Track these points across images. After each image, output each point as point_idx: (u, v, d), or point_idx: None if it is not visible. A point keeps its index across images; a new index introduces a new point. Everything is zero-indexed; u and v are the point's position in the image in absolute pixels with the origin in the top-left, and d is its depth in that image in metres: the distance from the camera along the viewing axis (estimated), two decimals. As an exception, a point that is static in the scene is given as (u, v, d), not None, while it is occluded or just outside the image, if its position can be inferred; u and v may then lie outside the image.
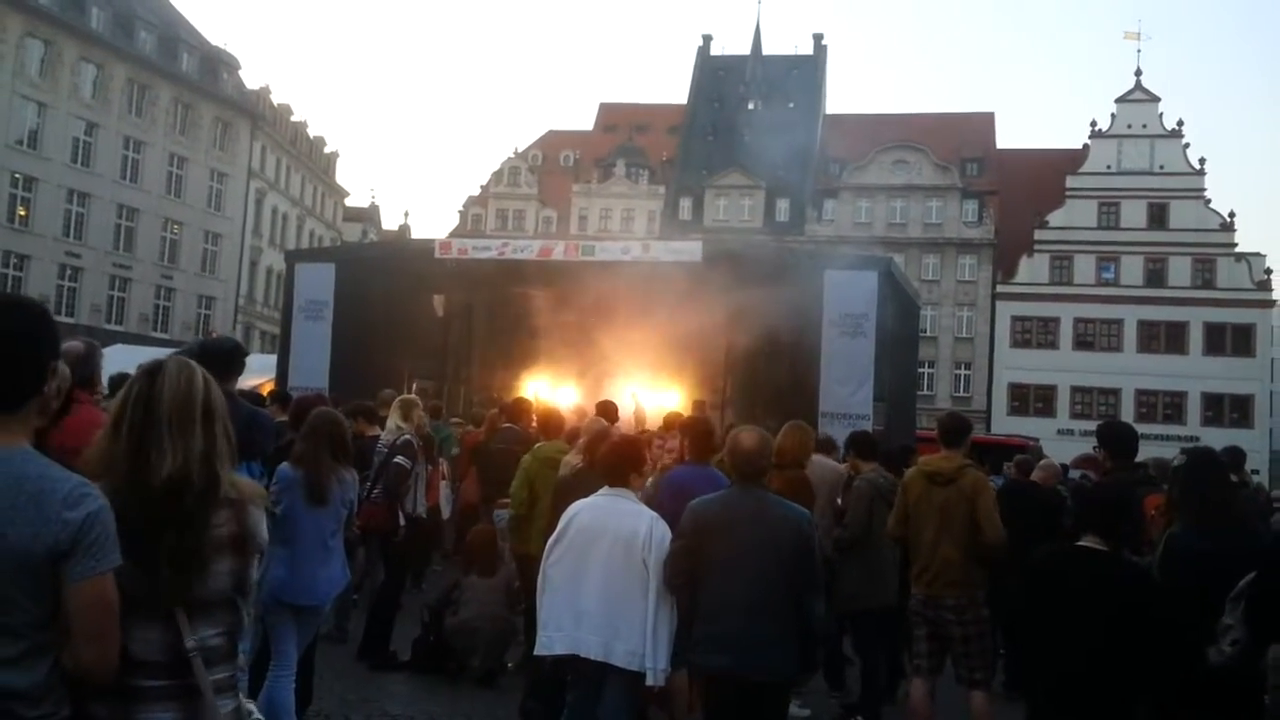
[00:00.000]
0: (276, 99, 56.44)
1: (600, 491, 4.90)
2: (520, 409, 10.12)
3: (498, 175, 60.74)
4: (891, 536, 6.49)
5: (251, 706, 2.64)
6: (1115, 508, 4.17)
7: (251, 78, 57.58)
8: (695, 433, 6.23)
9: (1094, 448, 6.81)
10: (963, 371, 50.83)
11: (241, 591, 2.52)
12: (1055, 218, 49.91)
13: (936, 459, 6.30)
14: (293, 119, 58.68)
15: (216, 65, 49.76)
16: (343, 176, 67.78)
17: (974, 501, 5.92)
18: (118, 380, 6.63)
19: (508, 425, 9.62)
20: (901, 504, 6.31)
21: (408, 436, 7.91)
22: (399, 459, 7.73)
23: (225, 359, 4.94)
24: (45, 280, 40.59)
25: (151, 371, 2.49)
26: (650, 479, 6.10)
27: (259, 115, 52.05)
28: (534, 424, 9.30)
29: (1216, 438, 34.58)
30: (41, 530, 2.08)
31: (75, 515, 2.11)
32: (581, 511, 4.82)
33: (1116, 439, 6.32)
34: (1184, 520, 4.53)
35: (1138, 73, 50.69)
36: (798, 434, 7.31)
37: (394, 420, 8.04)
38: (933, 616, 5.99)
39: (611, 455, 5.04)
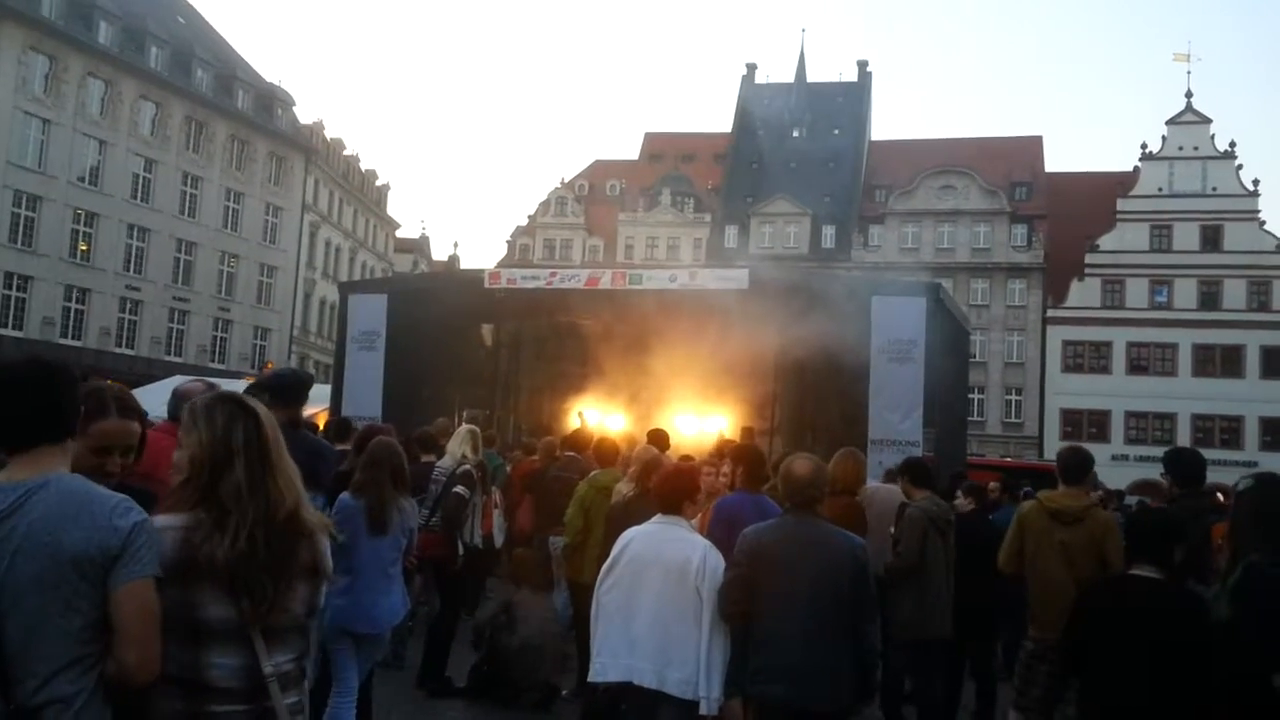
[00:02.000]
0: (329, 134, 57.51)
1: (653, 519, 4.89)
2: (583, 438, 10.14)
3: (545, 205, 61.27)
4: (1004, 571, 6.22)
5: None
6: (1167, 534, 4.05)
7: (305, 114, 58.73)
8: (747, 460, 6.15)
9: (1161, 474, 6.64)
10: (1013, 397, 50.19)
11: (311, 618, 2.66)
12: (1106, 241, 49.27)
13: (1059, 495, 6.04)
14: (345, 153, 59.67)
15: (271, 102, 50.74)
16: (394, 209, 68.62)
17: (1104, 544, 5.67)
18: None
19: (569, 454, 9.65)
20: (1016, 539, 6.06)
21: (468, 466, 7.96)
22: (459, 488, 7.77)
23: (299, 389, 5.52)
24: (107, 313, 41.50)
25: (247, 411, 2.64)
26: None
27: (312, 150, 52.98)
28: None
29: (1276, 463, 33.85)
30: (94, 535, 2.27)
31: (124, 523, 2.30)
32: (635, 539, 4.83)
33: (1183, 465, 6.10)
34: (1250, 547, 4.43)
35: (1188, 94, 50.29)
36: (850, 462, 7.35)
37: (462, 449, 8.10)
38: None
39: (666, 483, 5.03)
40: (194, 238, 45.46)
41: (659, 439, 8.97)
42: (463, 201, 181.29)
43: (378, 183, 65.08)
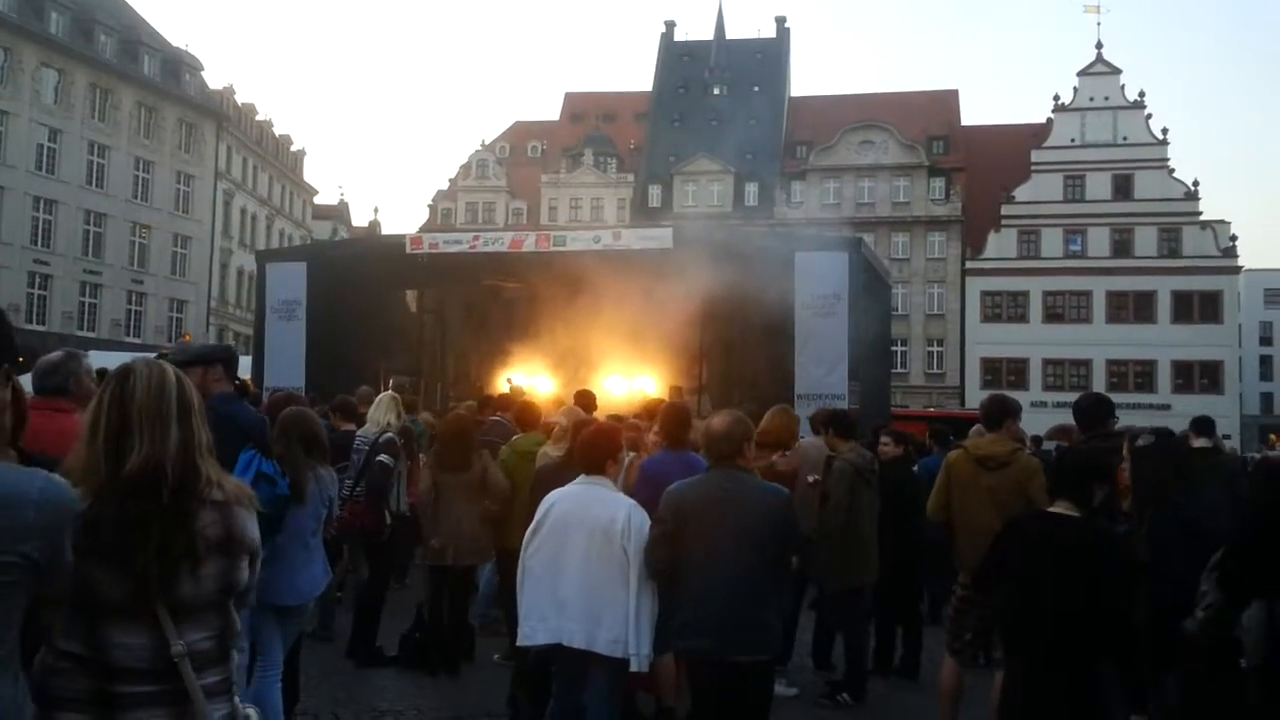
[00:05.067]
0: (240, 99, 56.19)
1: (577, 480, 4.87)
2: (509, 402, 10.06)
3: (466, 168, 60.58)
4: (932, 520, 6.32)
5: (250, 711, 2.61)
6: (1088, 473, 4.13)
7: (214, 78, 56.98)
8: (669, 419, 6.16)
9: None
10: (935, 348, 51.14)
11: (230, 594, 2.50)
12: (1021, 192, 50.21)
13: (985, 442, 6.16)
14: (258, 118, 58.33)
15: (179, 67, 49.30)
16: (310, 174, 67.40)
17: (1028, 487, 5.77)
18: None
19: (495, 419, 9.56)
20: (944, 487, 6.16)
21: (390, 434, 7.85)
22: (382, 457, 7.67)
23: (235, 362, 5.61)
24: (15, 289, 40.22)
25: (122, 373, 2.47)
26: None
27: (223, 116, 51.71)
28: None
29: (1187, 404, 34.95)
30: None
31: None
32: (559, 501, 4.82)
33: (1083, 411, 6.30)
34: (1153, 498, 4.61)
35: (1098, 45, 50.87)
36: (782, 418, 7.47)
37: (386, 417, 7.98)
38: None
39: (587, 444, 5.01)
40: (103, 209, 44.22)
41: (586, 400, 8.94)
42: (381, 166, 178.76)
43: (293, 148, 63.79)
